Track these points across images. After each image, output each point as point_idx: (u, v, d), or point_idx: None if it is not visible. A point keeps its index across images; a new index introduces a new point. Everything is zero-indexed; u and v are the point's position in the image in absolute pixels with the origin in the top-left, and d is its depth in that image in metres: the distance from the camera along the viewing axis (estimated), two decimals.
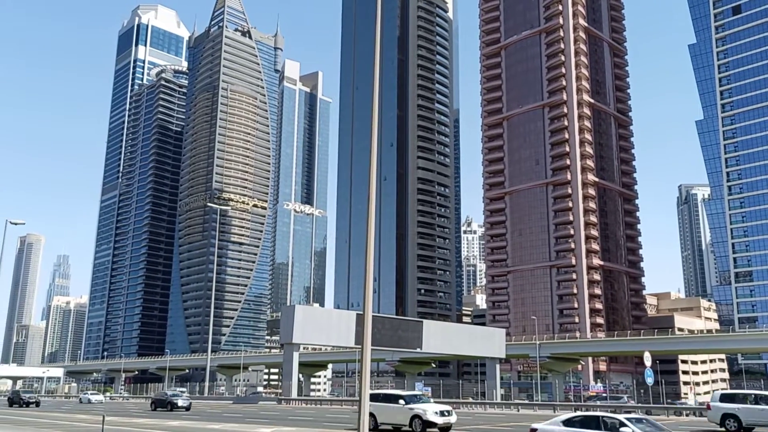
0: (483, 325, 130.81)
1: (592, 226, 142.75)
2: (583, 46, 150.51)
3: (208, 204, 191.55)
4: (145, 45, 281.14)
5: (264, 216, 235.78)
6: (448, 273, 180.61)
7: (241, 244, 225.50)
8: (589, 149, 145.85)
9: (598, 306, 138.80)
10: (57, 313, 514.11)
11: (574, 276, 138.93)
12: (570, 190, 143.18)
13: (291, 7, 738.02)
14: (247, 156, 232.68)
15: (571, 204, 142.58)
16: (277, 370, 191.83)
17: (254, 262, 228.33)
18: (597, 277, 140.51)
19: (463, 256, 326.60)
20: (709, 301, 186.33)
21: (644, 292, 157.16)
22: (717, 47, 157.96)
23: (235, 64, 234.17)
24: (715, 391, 36.15)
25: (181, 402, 54.59)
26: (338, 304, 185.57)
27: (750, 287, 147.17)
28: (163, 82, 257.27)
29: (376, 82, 18.76)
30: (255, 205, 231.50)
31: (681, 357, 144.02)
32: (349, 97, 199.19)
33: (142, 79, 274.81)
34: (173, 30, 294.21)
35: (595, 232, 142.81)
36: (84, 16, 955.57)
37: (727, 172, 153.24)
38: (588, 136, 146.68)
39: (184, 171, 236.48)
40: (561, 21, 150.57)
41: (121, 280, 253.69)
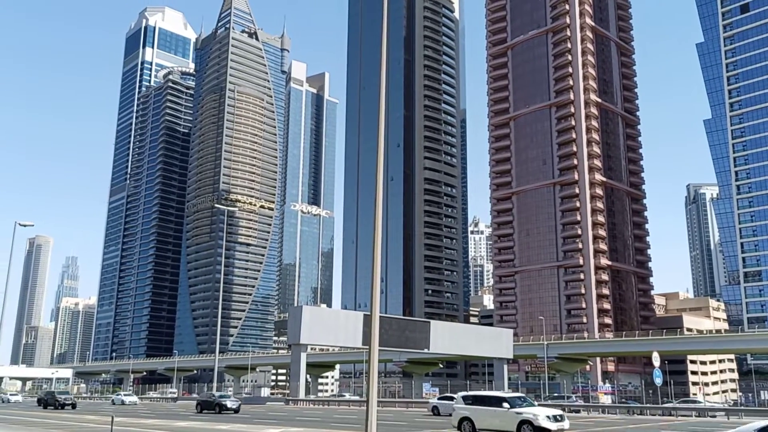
0: (490, 325, 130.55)
1: (600, 226, 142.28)
2: (590, 46, 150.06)
3: (216, 205, 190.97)
4: (153, 47, 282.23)
5: (271, 217, 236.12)
6: (455, 273, 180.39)
7: (249, 244, 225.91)
8: (596, 149, 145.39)
9: (606, 306, 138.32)
10: (66, 314, 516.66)
11: (582, 276, 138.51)
12: (577, 190, 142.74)
13: (297, 8, 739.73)
14: (254, 157, 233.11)
15: (578, 204, 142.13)
16: (284, 371, 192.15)
17: (261, 262, 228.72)
18: (605, 277, 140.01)
19: (470, 257, 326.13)
20: (718, 301, 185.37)
21: (652, 292, 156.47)
22: (725, 46, 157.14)
23: (241, 65, 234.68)
24: None
25: (230, 404, 52.03)
26: (345, 304, 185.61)
27: (759, 287, 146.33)
28: (171, 84, 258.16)
29: (382, 83, 18.76)
30: (262, 206, 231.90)
31: (690, 357, 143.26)
32: (355, 97, 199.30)
33: (149, 81, 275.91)
34: (180, 32, 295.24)
35: (602, 232, 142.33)
36: (91, 19, 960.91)
37: (736, 171, 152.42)
38: (595, 136, 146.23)
39: (191, 172, 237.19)
40: (568, 20, 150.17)
41: (129, 281, 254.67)
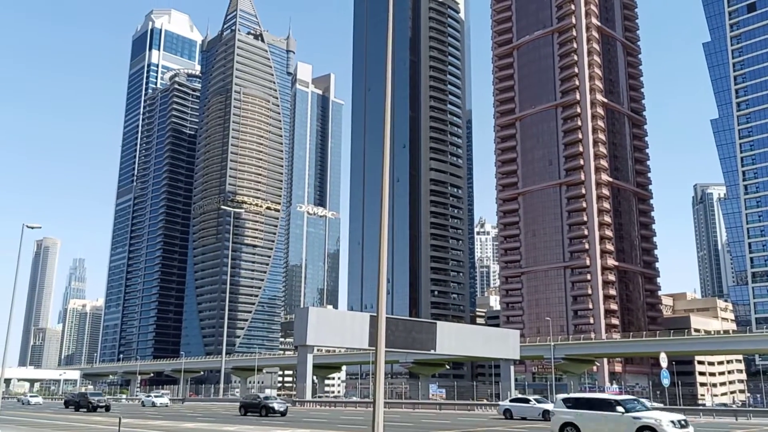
0: (497, 326, 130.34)
1: (607, 227, 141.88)
2: (596, 46, 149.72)
3: (222, 207, 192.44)
4: (159, 49, 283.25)
5: (277, 218, 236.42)
6: (461, 274, 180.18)
7: (255, 246, 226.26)
8: (602, 149, 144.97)
9: (613, 307, 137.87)
10: (73, 315, 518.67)
11: (589, 277, 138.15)
12: (584, 191, 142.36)
13: (303, 10, 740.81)
14: (260, 158, 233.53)
15: (584, 204, 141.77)
16: (291, 372, 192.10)
17: (268, 264, 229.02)
18: (612, 277, 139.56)
19: (476, 258, 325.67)
20: (726, 301, 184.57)
21: (660, 293, 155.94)
22: (732, 45, 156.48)
23: (247, 67, 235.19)
24: None
25: (277, 406, 48.65)
26: (351, 305, 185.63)
27: (767, 287, 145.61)
28: (177, 86, 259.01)
29: (388, 84, 18.77)
30: (268, 208, 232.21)
31: (698, 358, 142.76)
32: (361, 98, 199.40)
33: (155, 83, 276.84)
34: (186, 34, 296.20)
35: (609, 233, 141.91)
36: (98, 21, 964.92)
37: (743, 171, 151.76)
38: (601, 136, 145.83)
39: (197, 174, 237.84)
40: (573, 20, 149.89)
41: (136, 283, 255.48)
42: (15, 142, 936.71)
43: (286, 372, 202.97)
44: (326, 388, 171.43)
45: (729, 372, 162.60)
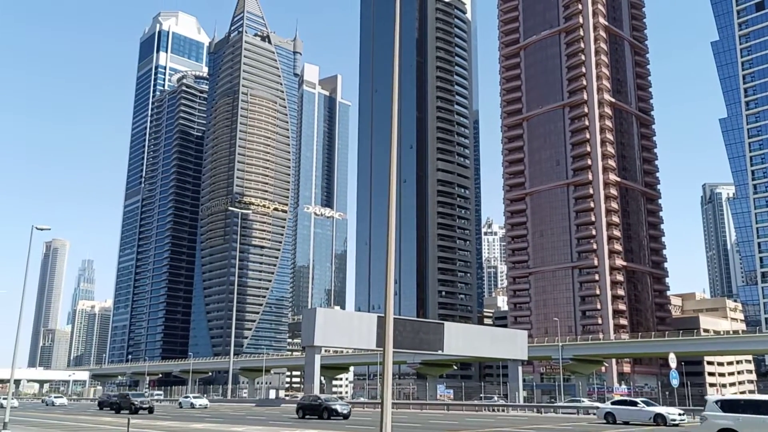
0: (504, 326, 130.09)
1: (615, 227, 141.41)
2: (603, 45, 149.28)
3: (230, 208, 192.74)
4: (166, 51, 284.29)
5: (284, 219, 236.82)
6: (468, 275, 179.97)
7: (262, 247, 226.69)
8: (610, 149, 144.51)
9: (622, 307, 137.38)
10: (82, 317, 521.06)
11: (597, 277, 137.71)
12: (591, 191, 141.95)
13: (310, 11, 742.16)
14: (268, 160, 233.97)
15: (592, 204, 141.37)
16: (299, 373, 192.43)
17: (275, 265, 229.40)
18: (620, 278, 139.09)
19: (483, 258, 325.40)
20: (735, 301, 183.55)
21: (668, 293, 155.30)
22: (740, 44, 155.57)
23: (254, 68, 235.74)
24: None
25: (340, 408, 45.42)
26: (359, 306, 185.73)
27: None
28: (184, 88, 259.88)
29: (395, 85, 18.77)
30: (276, 209, 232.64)
31: (707, 358, 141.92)
32: (368, 99, 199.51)
33: (163, 85, 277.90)
34: (194, 36, 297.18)
35: (617, 233, 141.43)
36: (106, 24, 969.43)
37: (752, 171, 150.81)
38: (609, 136, 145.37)
39: (205, 175, 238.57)
40: (581, 20, 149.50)
41: (144, 284, 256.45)
42: (24, 145, 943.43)
43: (294, 372, 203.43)
44: (334, 389, 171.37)
45: (738, 372, 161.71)
